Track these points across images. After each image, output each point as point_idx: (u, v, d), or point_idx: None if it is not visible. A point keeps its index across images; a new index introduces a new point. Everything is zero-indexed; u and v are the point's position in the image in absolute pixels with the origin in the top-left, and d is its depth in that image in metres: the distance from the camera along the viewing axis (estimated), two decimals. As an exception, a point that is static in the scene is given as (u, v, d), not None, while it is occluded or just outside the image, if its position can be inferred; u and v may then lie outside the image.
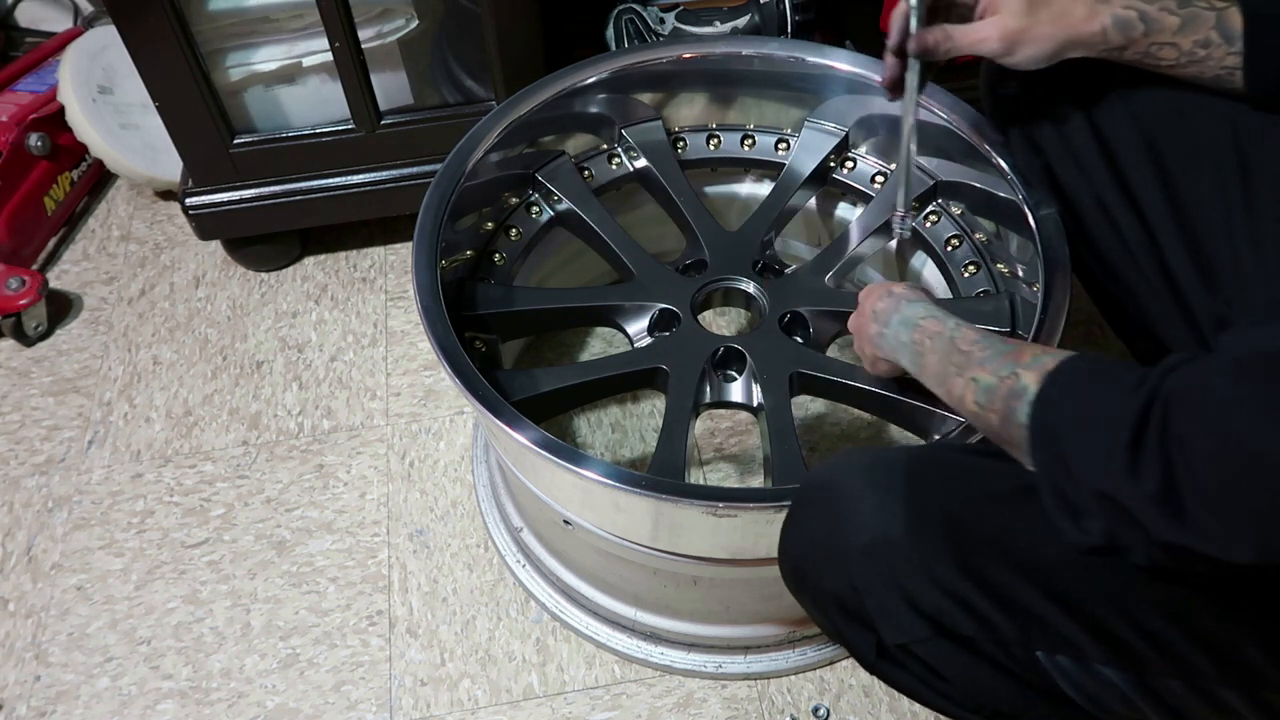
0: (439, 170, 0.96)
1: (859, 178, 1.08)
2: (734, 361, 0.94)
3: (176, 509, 1.11)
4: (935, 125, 0.99)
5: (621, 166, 1.11)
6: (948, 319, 0.72)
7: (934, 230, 1.04)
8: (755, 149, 1.12)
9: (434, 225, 0.92)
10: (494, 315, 0.96)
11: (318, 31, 1.08)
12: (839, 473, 0.67)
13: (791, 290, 0.98)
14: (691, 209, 1.05)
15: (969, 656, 0.61)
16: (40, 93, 1.38)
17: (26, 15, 1.63)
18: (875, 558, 0.62)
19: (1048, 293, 0.84)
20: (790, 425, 0.88)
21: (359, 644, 1.00)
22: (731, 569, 0.86)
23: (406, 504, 1.10)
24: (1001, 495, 0.62)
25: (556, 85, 1.03)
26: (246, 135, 1.18)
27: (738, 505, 0.76)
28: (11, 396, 1.22)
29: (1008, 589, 0.59)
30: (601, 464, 0.77)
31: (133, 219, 1.43)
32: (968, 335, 0.69)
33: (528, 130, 1.03)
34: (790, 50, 1.05)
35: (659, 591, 0.92)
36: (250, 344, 1.26)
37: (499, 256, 1.03)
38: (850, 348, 1.13)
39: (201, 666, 0.99)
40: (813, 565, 0.67)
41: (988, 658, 0.61)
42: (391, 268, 1.34)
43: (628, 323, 0.99)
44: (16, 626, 1.03)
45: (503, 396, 0.82)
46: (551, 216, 1.06)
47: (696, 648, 0.96)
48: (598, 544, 0.88)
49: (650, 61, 1.06)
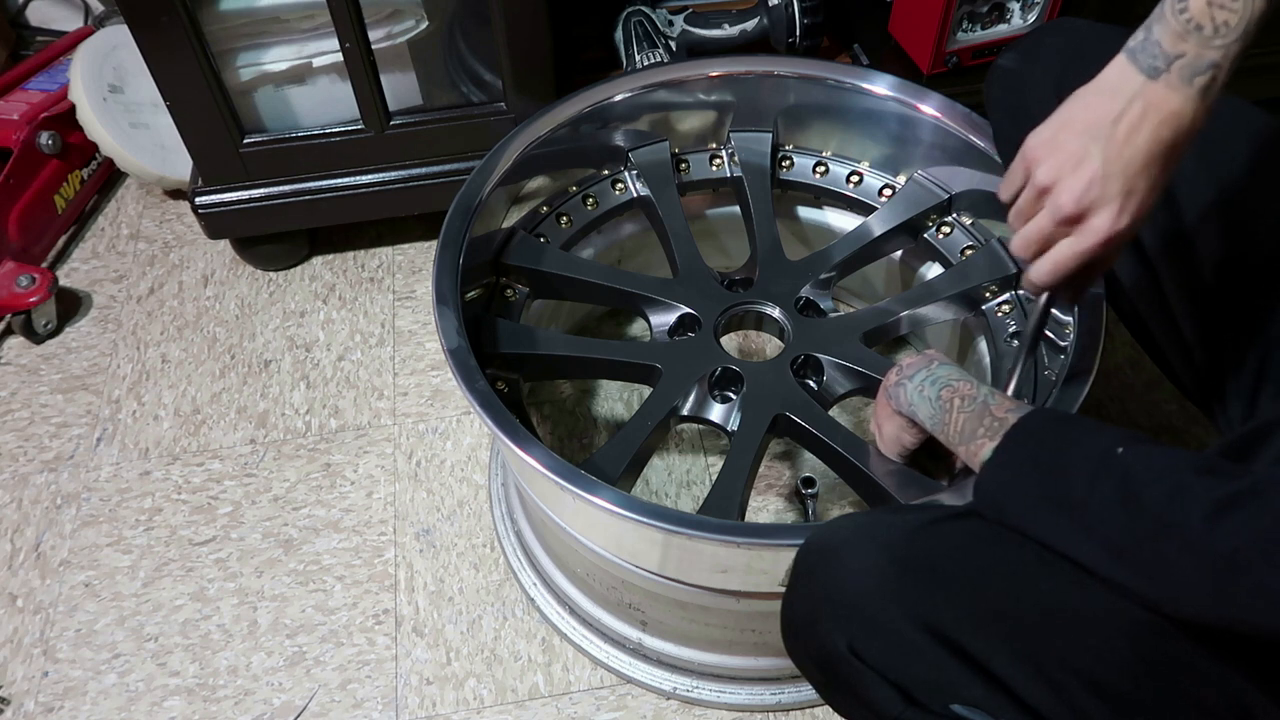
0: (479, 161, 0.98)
1: (949, 245, 1.04)
2: (731, 384, 0.93)
3: (184, 507, 1.11)
4: (950, 136, 0.99)
5: (721, 169, 1.11)
6: (981, 385, 0.72)
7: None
8: (860, 188, 1.10)
9: (461, 225, 0.93)
10: (528, 270, 0.99)
11: (328, 32, 1.08)
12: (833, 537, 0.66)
13: (818, 334, 0.96)
14: (762, 228, 1.04)
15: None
16: (51, 91, 1.38)
17: (37, 14, 1.64)
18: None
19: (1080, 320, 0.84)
20: (749, 463, 0.85)
21: (365, 642, 1.01)
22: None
23: (413, 503, 1.11)
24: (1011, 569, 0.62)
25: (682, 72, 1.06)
26: (256, 135, 1.18)
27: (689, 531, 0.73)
28: (21, 394, 1.23)
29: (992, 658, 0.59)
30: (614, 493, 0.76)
31: (142, 217, 1.44)
32: (1003, 403, 0.69)
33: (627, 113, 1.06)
34: (946, 114, 1.01)
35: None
36: (258, 343, 1.27)
37: (566, 220, 1.06)
38: (849, 411, 1.14)
39: (208, 664, 1.00)
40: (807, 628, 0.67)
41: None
42: (399, 268, 1.34)
43: (654, 316, 0.99)
44: (25, 622, 1.03)
45: (495, 345, 0.83)
46: (632, 198, 1.08)
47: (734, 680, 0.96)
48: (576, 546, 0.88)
49: (781, 75, 1.06)
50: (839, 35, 1.29)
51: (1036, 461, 0.62)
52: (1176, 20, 0.60)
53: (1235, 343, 0.74)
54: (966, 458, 0.70)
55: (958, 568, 0.61)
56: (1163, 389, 1.18)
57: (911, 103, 1.02)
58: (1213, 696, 0.56)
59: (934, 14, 1.13)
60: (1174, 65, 0.60)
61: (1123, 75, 0.63)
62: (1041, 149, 0.66)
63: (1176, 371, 0.82)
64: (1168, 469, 0.55)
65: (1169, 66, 0.60)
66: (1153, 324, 0.82)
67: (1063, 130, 0.65)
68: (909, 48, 1.21)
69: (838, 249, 1.03)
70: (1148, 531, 0.54)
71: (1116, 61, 0.63)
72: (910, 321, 0.99)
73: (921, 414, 0.75)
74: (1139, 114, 0.62)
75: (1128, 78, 0.62)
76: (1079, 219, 0.65)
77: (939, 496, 0.75)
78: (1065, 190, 0.64)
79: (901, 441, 0.81)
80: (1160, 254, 0.77)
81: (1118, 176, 0.63)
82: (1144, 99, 0.62)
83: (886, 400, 0.80)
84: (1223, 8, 0.58)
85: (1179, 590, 0.53)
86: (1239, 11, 0.58)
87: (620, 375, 1.02)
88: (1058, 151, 0.65)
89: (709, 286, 1.00)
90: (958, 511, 0.65)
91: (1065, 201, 0.64)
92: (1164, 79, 0.61)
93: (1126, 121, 0.62)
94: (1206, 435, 1.13)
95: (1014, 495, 0.62)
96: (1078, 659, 0.57)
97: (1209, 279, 0.75)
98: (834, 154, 1.11)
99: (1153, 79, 0.61)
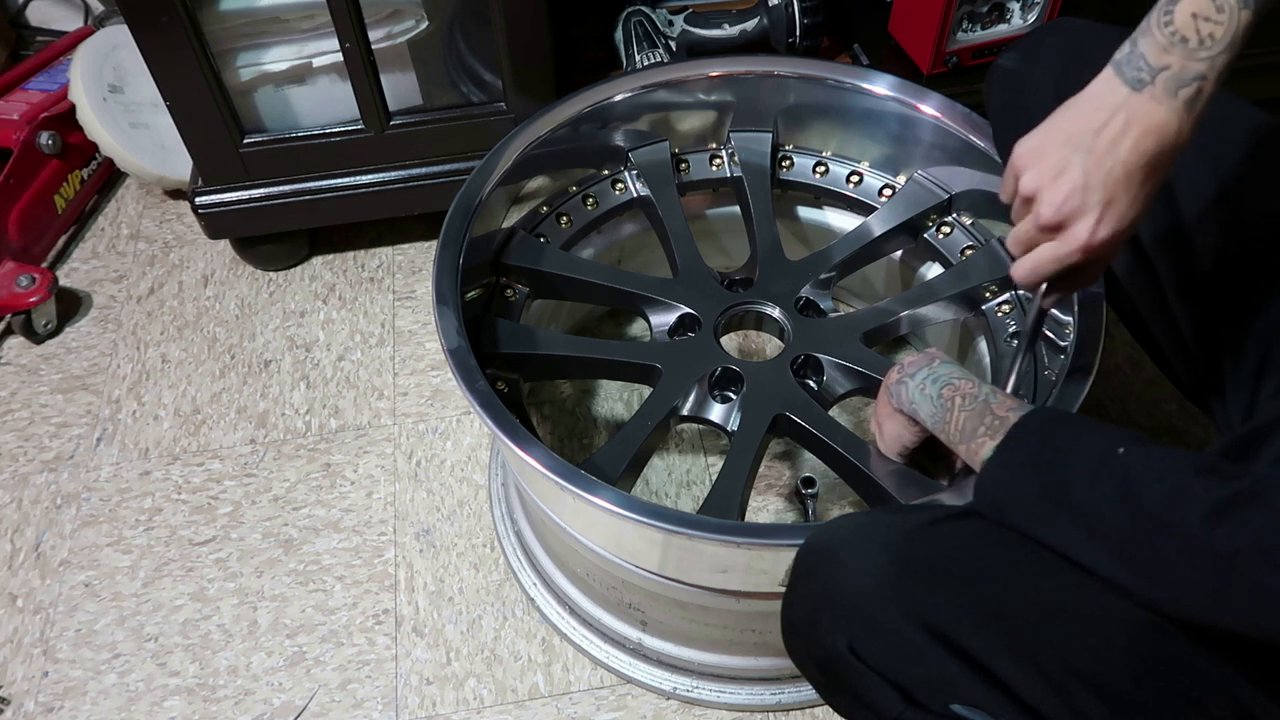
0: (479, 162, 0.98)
1: (949, 245, 1.04)
2: (731, 383, 0.93)
3: (184, 506, 1.11)
4: (950, 136, 0.99)
5: (721, 169, 1.11)
6: (983, 385, 0.73)
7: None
8: (860, 188, 1.10)
9: (461, 225, 0.93)
10: (528, 270, 0.99)
11: (328, 32, 1.08)
12: (832, 538, 0.66)
13: (818, 334, 0.96)
14: (762, 228, 1.04)
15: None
16: (51, 91, 1.38)
17: (37, 14, 1.64)
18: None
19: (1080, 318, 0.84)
20: (749, 463, 0.85)
21: (365, 642, 1.01)
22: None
23: (413, 503, 1.11)
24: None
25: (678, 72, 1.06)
26: (256, 135, 1.18)
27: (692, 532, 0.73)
28: (21, 394, 1.23)
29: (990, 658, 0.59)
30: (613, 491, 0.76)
31: (142, 217, 1.44)
32: (1004, 402, 0.70)
33: (627, 113, 1.06)
34: (946, 114, 1.01)
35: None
36: (258, 343, 1.27)
37: (565, 220, 1.06)
38: (849, 411, 1.14)
39: (208, 664, 1.00)
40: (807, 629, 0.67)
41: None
42: (399, 268, 1.35)
43: (654, 316, 0.99)
44: (25, 622, 1.03)
45: (495, 345, 0.83)
46: (632, 198, 1.08)
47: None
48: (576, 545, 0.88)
49: (782, 75, 1.06)
50: (839, 35, 1.29)
51: (1037, 461, 0.62)
52: (1161, 33, 0.60)
53: (1233, 340, 0.74)
54: (967, 456, 0.70)
55: (958, 568, 0.61)
56: (1163, 389, 1.18)
57: (911, 103, 1.02)
58: (1213, 697, 0.56)
59: (934, 14, 1.13)
60: (1159, 78, 0.60)
61: (1108, 86, 0.63)
62: (1027, 157, 0.67)
63: (1175, 369, 0.82)
64: (1168, 469, 0.55)
65: (1154, 79, 0.60)
66: (1151, 321, 0.82)
67: (1047, 140, 0.66)
68: (909, 48, 1.21)
69: (838, 249, 1.03)
70: (1147, 531, 0.54)
71: (1103, 73, 0.64)
72: (910, 321, 0.99)
73: (922, 412, 0.75)
74: (1121, 126, 0.62)
75: (1113, 89, 0.62)
76: (1059, 227, 0.65)
77: (939, 496, 0.75)
78: (1045, 200, 0.65)
79: (902, 441, 0.81)
80: (1158, 250, 0.78)
81: (1098, 187, 0.63)
82: (1127, 111, 0.62)
83: (888, 398, 0.80)
84: (1208, 20, 0.58)
85: (1178, 590, 0.53)
86: (1224, 24, 0.58)
87: (620, 375, 1.02)
88: (1041, 161, 0.65)
89: (709, 286, 1.00)
90: (958, 511, 0.65)
91: (1044, 210, 0.65)
92: (1148, 91, 0.61)
93: (1108, 133, 0.62)
94: (1206, 435, 1.13)
95: (1014, 494, 0.62)
96: (1078, 659, 0.57)
97: (1206, 275, 0.75)
98: (834, 154, 1.11)
99: (1137, 91, 0.61)
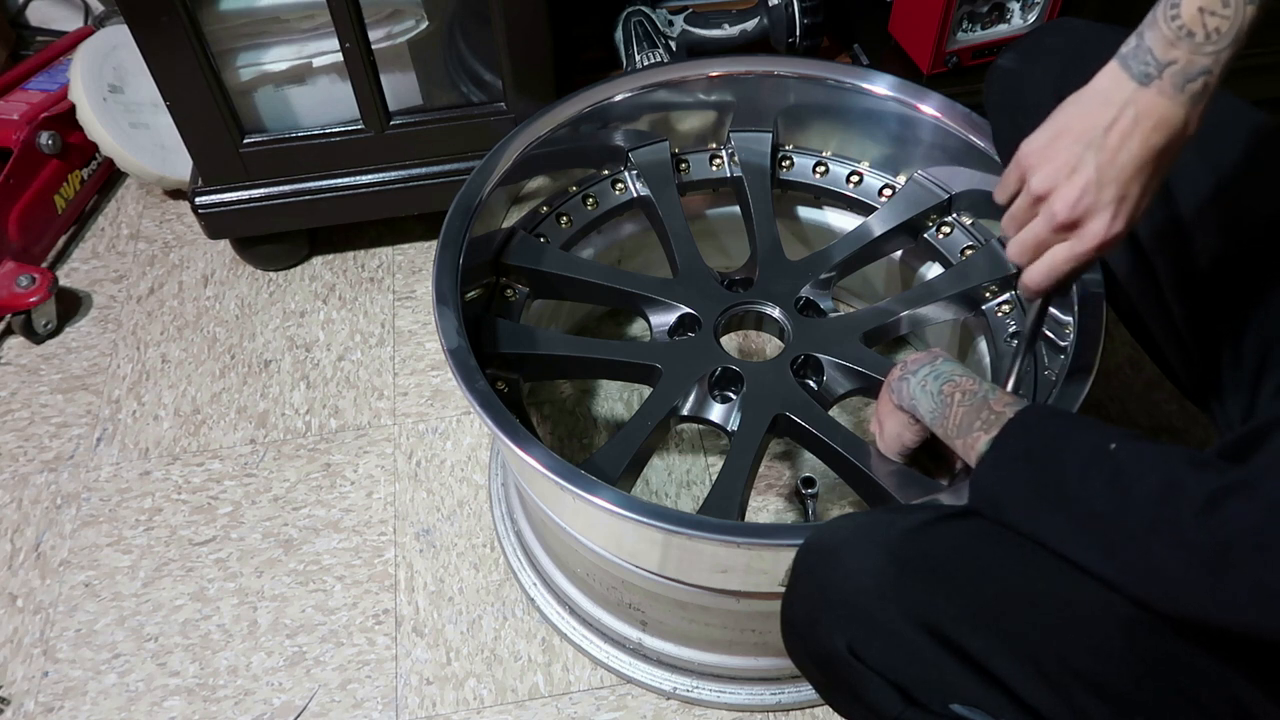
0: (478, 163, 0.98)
1: (949, 245, 1.04)
2: (731, 383, 0.93)
3: (184, 507, 1.11)
4: (950, 136, 0.99)
5: (721, 169, 1.11)
6: (984, 382, 0.73)
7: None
8: (860, 188, 1.09)
9: (461, 225, 0.93)
10: (528, 270, 0.99)
11: (328, 32, 1.08)
12: (832, 538, 0.66)
13: (818, 334, 0.96)
14: (762, 228, 1.04)
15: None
16: (51, 91, 1.38)
17: (37, 14, 1.64)
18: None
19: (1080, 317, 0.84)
20: (749, 463, 0.85)
21: (365, 642, 1.01)
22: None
23: (413, 503, 1.11)
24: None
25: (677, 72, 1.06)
26: (256, 135, 1.18)
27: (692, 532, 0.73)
28: (21, 394, 1.23)
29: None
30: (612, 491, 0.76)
31: (142, 217, 1.44)
32: (1002, 398, 0.70)
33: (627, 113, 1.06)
34: (946, 114, 1.01)
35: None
36: (258, 343, 1.27)
37: (566, 220, 1.06)
38: (849, 411, 1.14)
39: (208, 664, 1.00)
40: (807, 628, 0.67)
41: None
42: (399, 268, 1.35)
43: (654, 316, 0.99)
44: (25, 622, 1.03)
45: (495, 345, 0.83)
46: (632, 198, 1.08)
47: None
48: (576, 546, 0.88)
49: (782, 75, 1.06)
50: (839, 35, 1.29)
51: (1030, 456, 0.62)
52: (1168, 27, 0.60)
53: (1233, 339, 0.74)
54: (963, 451, 0.70)
55: (957, 567, 0.61)
56: (1163, 389, 1.18)
57: (911, 103, 1.02)
58: (1212, 696, 0.56)
59: (934, 14, 1.13)
60: (1165, 72, 0.60)
61: (1115, 82, 0.63)
62: (1035, 156, 0.67)
63: (1174, 369, 0.82)
64: (1160, 463, 0.55)
65: (1161, 73, 0.61)
66: (1150, 320, 0.82)
67: (1056, 137, 0.66)
68: (909, 48, 1.21)
69: (838, 249, 1.03)
70: (1140, 527, 0.54)
71: (1109, 68, 0.64)
72: (910, 321, 0.99)
73: (922, 408, 0.76)
74: (1131, 121, 0.62)
75: (1120, 84, 0.62)
76: (1074, 225, 0.66)
77: (939, 496, 0.75)
78: (1060, 198, 0.65)
79: (902, 439, 0.81)
80: (1156, 248, 0.78)
81: (1111, 183, 0.63)
82: (1136, 106, 0.62)
83: (889, 395, 0.80)
84: (1214, 14, 0.58)
85: (1173, 588, 0.53)
86: (1230, 18, 0.58)
87: (620, 375, 1.02)
88: (1052, 159, 0.65)
89: (709, 286, 1.00)
90: (957, 511, 0.65)
91: (1060, 209, 0.65)
92: (1155, 85, 0.61)
93: (1119, 129, 0.62)
94: (1206, 435, 1.13)
95: (1008, 489, 0.62)
96: (1077, 658, 0.57)
97: (1205, 274, 0.75)
98: (834, 154, 1.11)
99: (1144, 85, 0.61)
